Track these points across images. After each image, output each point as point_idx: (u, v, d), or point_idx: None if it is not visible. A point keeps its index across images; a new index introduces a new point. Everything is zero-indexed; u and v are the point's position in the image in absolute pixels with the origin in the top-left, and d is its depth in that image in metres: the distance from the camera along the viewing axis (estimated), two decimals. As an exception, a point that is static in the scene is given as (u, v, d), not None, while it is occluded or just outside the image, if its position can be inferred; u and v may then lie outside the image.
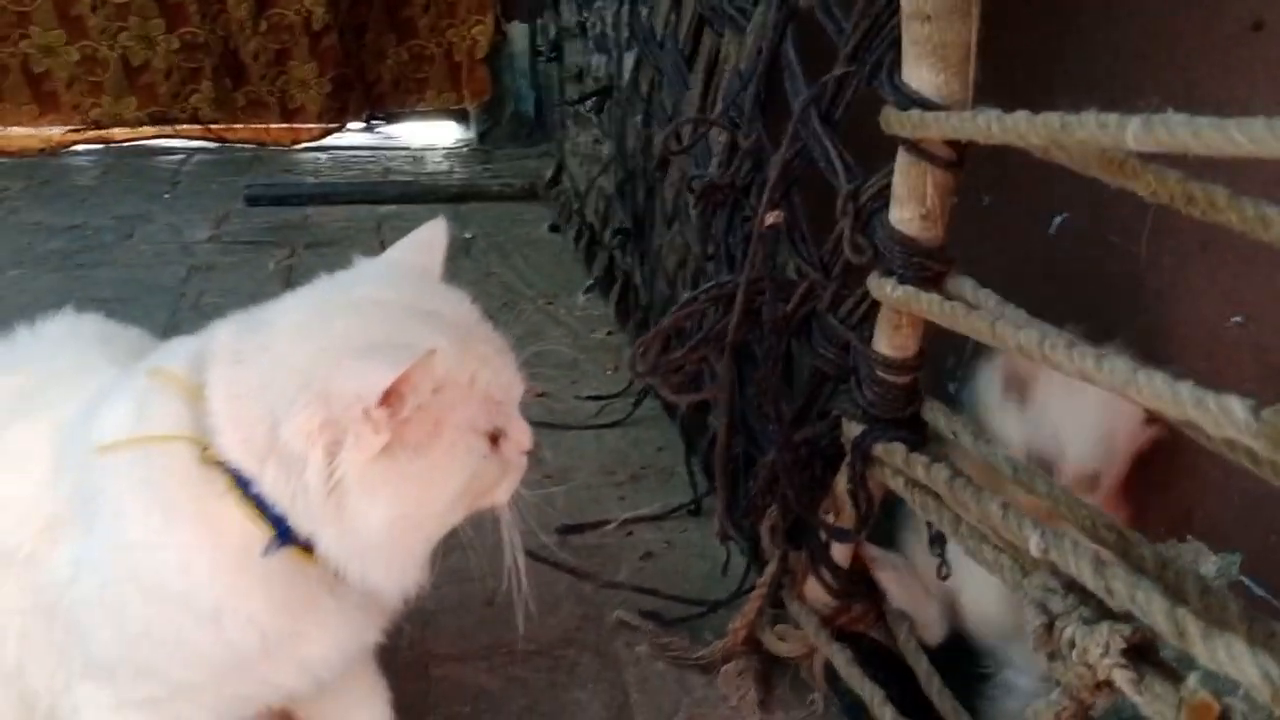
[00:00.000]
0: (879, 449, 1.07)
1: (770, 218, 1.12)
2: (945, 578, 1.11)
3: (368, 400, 0.83)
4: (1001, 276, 0.99)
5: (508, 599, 1.13)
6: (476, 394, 0.91)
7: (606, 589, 1.60)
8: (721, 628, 1.42)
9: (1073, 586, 0.82)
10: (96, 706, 0.95)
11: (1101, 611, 0.79)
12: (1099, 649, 0.76)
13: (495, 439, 0.94)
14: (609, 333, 2.52)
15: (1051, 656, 0.80)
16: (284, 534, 0.89)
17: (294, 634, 0.94)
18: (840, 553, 1.25)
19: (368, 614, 0.99)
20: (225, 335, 0.92)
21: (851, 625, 1.30)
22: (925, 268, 1.00)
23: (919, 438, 1.07)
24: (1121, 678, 0.75)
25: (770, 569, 1.32)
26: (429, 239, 1.03)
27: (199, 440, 0.89)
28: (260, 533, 0.89)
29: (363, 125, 4.19)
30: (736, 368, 1.15)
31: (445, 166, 3.94)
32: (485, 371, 0.92)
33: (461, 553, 1.06)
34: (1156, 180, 0.77)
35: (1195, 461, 1.04)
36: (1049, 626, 0.80)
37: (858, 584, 1.28)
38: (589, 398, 2.19)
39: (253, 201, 3.38)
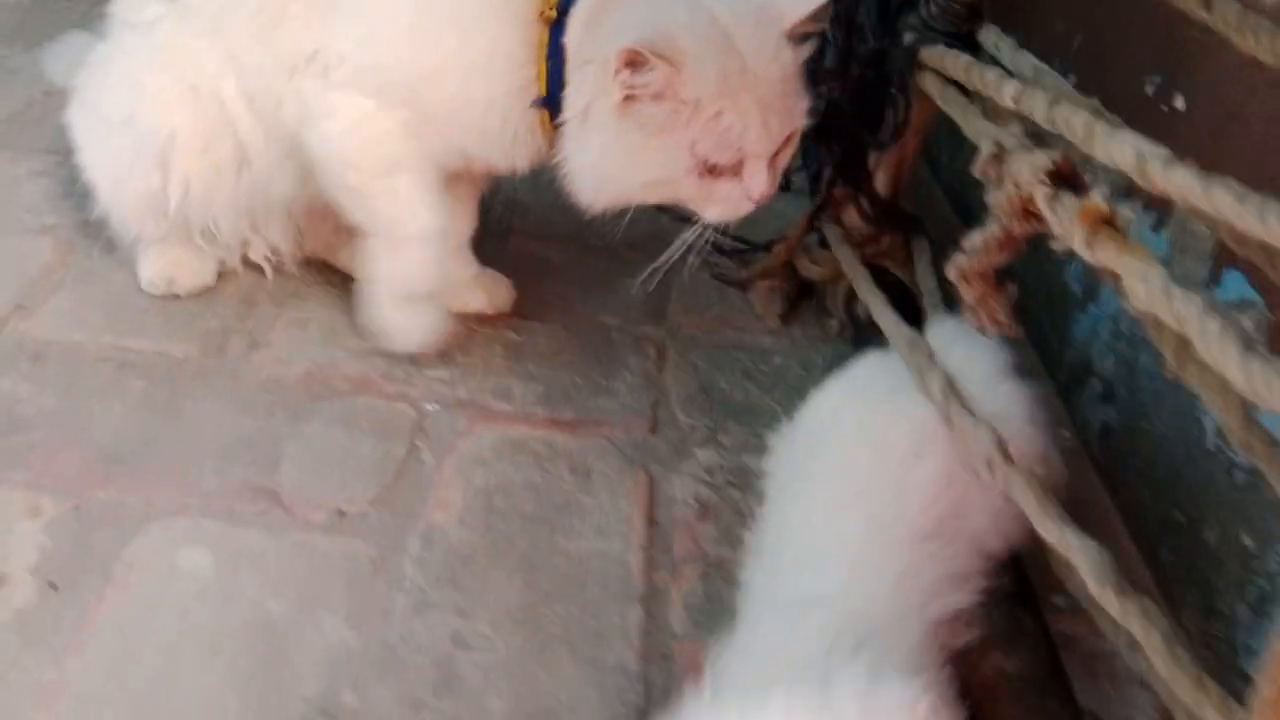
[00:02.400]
0: (929, 54, 1.14)
1: None
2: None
3: (616, 59, 1.03)
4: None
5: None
6: (712, 127, 1.08)
7: (679, 222, 1.73)
8: (770, 267, 1.55)
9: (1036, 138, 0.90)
10: (357, 108, 1.18)
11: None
12: (1029, 170, 0.85)
13: (719, 171, 1.11)
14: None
15: (993, 185, 0.90)
16: (548, 101, 1.14)
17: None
18: (881, 182, 1.35)
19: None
20: None
21: (879, 258, 1.40)
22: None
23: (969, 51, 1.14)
24: (1040, 194, 0.84)
25: (818, 197, 1.42)
26: None
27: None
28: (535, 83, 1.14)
29: None
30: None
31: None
32: (732, 115, 1.07)
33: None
34: None
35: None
36: (997, 156, 0.89)
37: (892, 217, 1.37)
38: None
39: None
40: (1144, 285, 0.72)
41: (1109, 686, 1.04)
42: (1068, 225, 0.81)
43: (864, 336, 1.41)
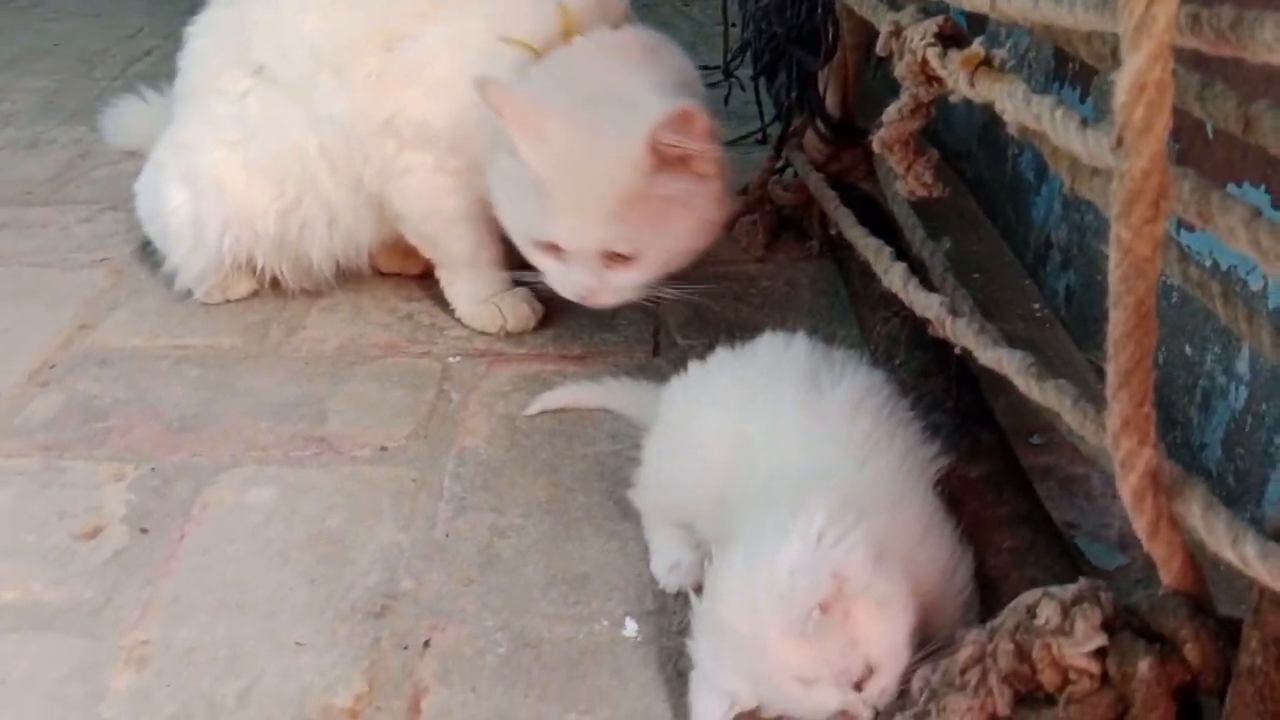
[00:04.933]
0: (840, -28, 1.27)
1: None
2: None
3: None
4: None
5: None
6: (540, 202, 1.20)
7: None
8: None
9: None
10: (423, 166, 1.35)
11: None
12: (919, 37, 0.98)
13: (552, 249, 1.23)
14: (732, 25, 2.72)
15: (896, 59, 1.02)
16: None
17: None
18: (832, 103, 1.48)
19: None
20: None
21: (843, 174, 1.53)
22: None
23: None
24: (932, 55, 0.97)
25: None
26: None
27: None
28: None
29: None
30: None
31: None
32: (554, 200, 1.18)
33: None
34: None
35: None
36: (894, 33, 1.02)
37: (847, 134, 1.50)
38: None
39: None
40: (1011, 101, 0.84)
41: (1084, 502, 1.15)
42: (955, 74, 0.93)
43: (840, 252, 1.53)
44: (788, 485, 0.89)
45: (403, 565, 1.06)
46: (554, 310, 1.48)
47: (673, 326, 1.47)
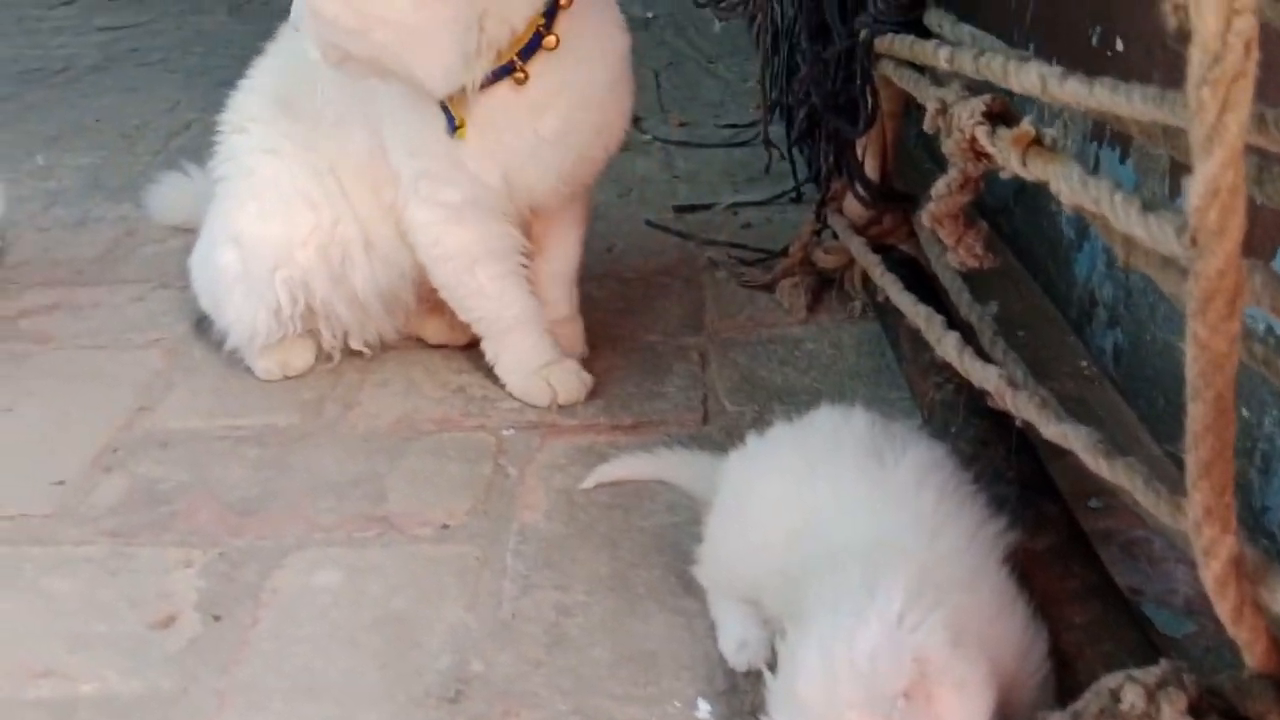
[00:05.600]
0: (881, 43, 1.30)
1: None
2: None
3: None
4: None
5: (620, 250, 1.75)
6: None
7: (705, 245, 1.90)
8: (792, 268, 1.70)
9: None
10: (422, 211, 1.41)
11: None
12: (968, 115, 1.00)
13: None
14: (758, 81, 2.76)
15: (944, 136, 1.04)
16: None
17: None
18: (871, 167, 1.50)
19: None
20: None
21: (884, 237, 1.55)
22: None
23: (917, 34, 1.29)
24: (981, 133, 0.99)
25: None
26: None
27: None
28: None
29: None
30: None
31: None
32: None
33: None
34: None
35: None
36: (941, 111, 1.04)
37: (887, 197, 1.52)
38: (725, 125, 2.46)
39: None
40: (1067, 183, 0.85)
41: (1148, 566, 1.15)
42: (1005, 152, 0.95)
43: (883, 310, 1.55)
44: (855, 561, 0.89)
45: (471, 647, 1.07)
46: (602, 379, 1.50)
47: (721, 392, 1.48)
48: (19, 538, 1.25)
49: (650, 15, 3.38)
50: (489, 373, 1.51)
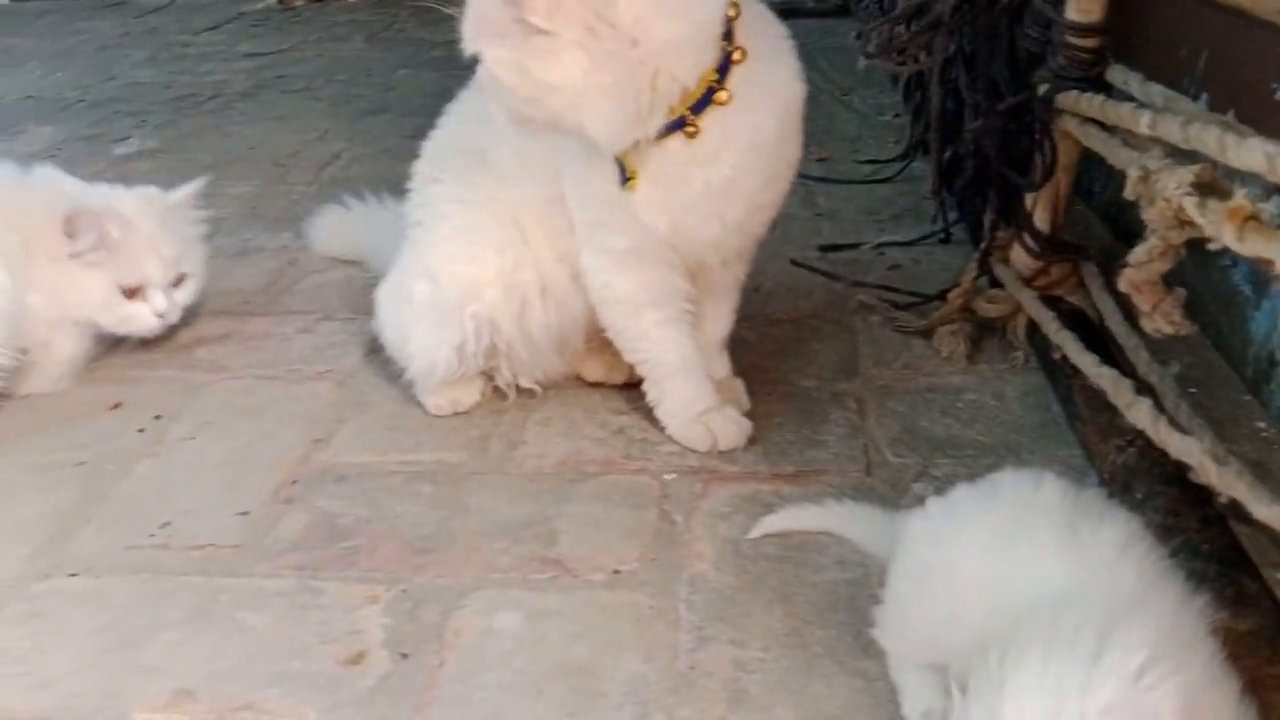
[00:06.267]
0: (1064, 98, 1.28)
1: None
2: None
3: None
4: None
5: (768, 290, 1.76)
6: None
7: (854, 287, 1.89)
8: (947, 313, 1.69)
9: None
10: (594, 257, 1.45)
11: (1191, 171, 1.01)
12: (1175, 185, 0.99)
13: None
14: (895, 115, 2.75)
15: (1145, 203, 1.03)
16: None
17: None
18: (1041, 219, 1.48)
19: None
20: None
21: (1051, 288, 1.53)
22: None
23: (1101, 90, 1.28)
24: (1189, 204, 0.97)
25: (984, 242, 1.56)
26: None
27: None
28: None
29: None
30: (951, 45, 1.39)
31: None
32: None
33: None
34: None
35: None
36: (1144, 178, 1.03)
37: (1056, 248, 1.50)
38: (865, 161, 2.45)
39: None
40: (1295, 263, 0.84)
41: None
42: (1218, 226, 0.94)
43: (1049, 362, 1.53)
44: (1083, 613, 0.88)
45: (653, 700, 1.09)
46: (760, 425, 1.51)
47: (882, 443, 1.48)
48: (212, 569, 1.31)
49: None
50: (647, 414, 1.53)
